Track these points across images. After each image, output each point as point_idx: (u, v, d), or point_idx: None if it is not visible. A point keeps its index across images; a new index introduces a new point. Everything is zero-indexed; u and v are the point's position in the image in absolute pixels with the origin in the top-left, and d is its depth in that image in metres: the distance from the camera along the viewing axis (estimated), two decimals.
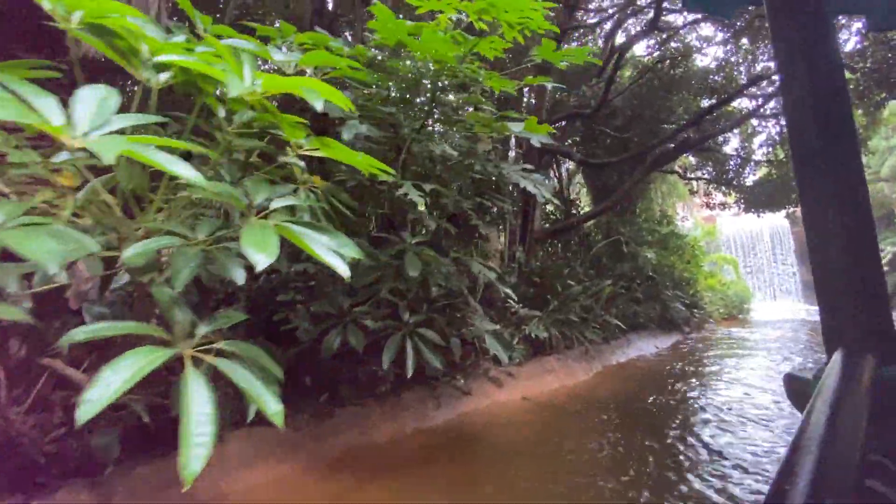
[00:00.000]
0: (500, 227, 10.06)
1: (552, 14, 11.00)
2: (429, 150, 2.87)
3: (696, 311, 11.71)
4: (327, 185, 2.42)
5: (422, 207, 2.35)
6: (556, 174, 14.61)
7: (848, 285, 0.97)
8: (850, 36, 9.17)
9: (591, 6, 12.80)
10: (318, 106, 1.53)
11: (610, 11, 11.23)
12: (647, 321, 9.92)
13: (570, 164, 19.09)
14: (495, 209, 6.64)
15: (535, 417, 4.63)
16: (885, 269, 18.45)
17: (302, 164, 1.95)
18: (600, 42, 12.64)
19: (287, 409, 1.36)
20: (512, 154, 11.01)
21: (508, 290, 4.19)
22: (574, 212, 14.62)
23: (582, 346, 7.07)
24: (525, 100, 11.07)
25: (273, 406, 1.29)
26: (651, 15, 7.70)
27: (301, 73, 2.57)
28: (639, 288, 10.93)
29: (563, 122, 12.54)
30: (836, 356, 0.85)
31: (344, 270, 1.46)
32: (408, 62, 2.88)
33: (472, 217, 4.46)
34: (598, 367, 6.81)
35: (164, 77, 1.57)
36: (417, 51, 2.65)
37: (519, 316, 6.36)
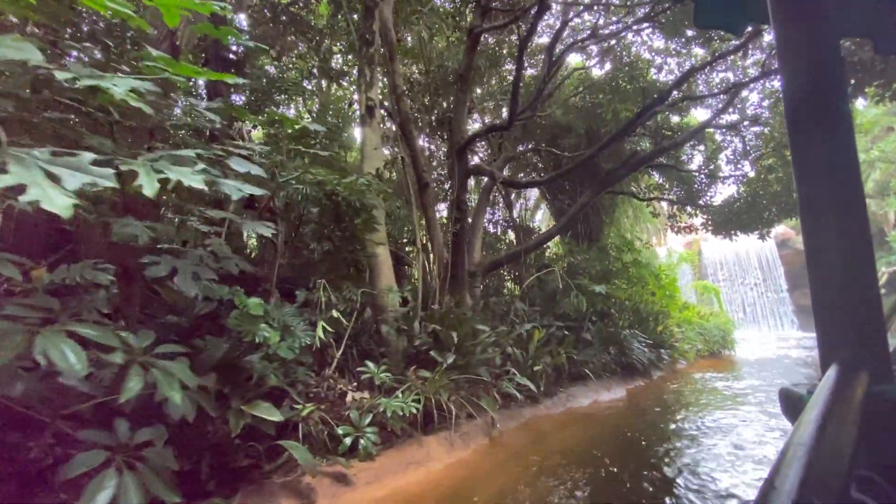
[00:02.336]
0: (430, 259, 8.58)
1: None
2: None
3: (664, 351, 10.04)
4: None
5: None
6: (506, 200, 13.28)
7: (844, 301, 0.99)
8: None
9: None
10: None
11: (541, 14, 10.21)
12: (600, 368, 8.24)
13: (536, 192, 17.94)
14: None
15: None
16: (882, 291, 16.86)
17: None
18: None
19: None
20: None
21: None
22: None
23: (487, 413, 5.39)
24: None
25: None
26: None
27: None
28: (592, 327, 9.32)
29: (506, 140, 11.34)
30: (830, 372, 0.87)
31: None
32: None
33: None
34: (500, 442, 5.10)
35: None
36: None
37: (376, 385, 4.73)
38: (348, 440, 4.08)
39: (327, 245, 4.99)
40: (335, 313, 4.43)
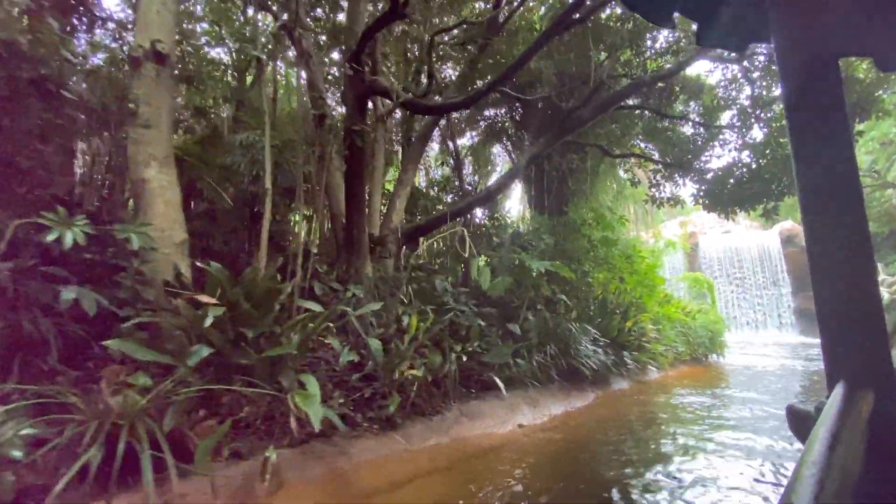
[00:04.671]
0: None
1: None
2: None
3: (627, 354, 7.65)
4: None
5: None
6: (455, 160, 10.80)
7: (848, 318, 1.00)
8: None
9: None
10: None
11: None
12: (529, 373, 5.88)
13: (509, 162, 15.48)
14: None
15: None
16: None
17: None
18: None
19: None
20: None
21: None
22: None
23: (264, 455, 3.02)
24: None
25: None
26: None
27: None
28: (532, 318, 6.93)
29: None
30: (837, 390, 0.89)
31: None
32: None
33: None
34: None
35: None
36: None
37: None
38: None
39: None
40: None
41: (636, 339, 8.17)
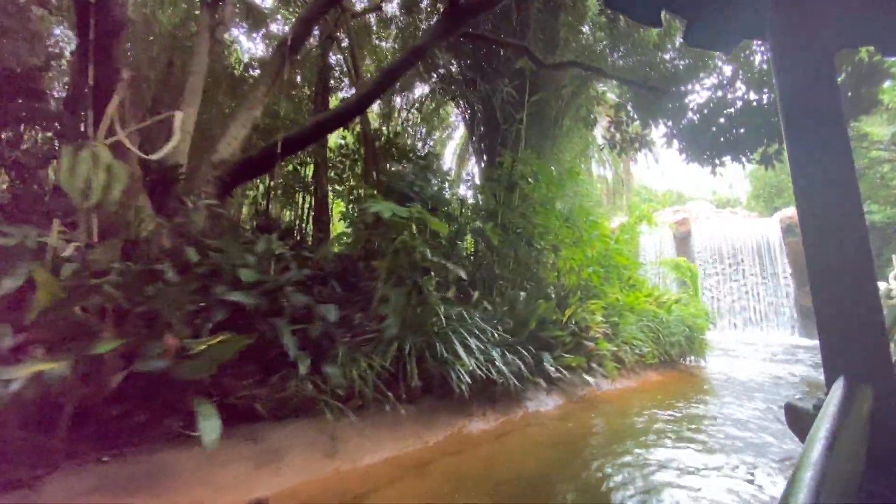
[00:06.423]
0: None
1: None
2: None
3: (549, 356, 5.12)
4: None
5: None
6: (351, 77, 8.13)
7: (847, 313, 0.98)
8: None
9: None
10: None
11: None
12: (344, 391, 3.38)
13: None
14: None
15: None
16: None
17: None
18: None
19: None
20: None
21: None
22: None
23: None
24: None
25: None
26: None
27: None
28: (392, 296, 4.40)
29: None
30: (836, 386, 0.86)
31: None
32: None
33: None
34: None
35: None
36: None
37: None
38: None
39: None
40: None
41: (572, 336, 5.66)
